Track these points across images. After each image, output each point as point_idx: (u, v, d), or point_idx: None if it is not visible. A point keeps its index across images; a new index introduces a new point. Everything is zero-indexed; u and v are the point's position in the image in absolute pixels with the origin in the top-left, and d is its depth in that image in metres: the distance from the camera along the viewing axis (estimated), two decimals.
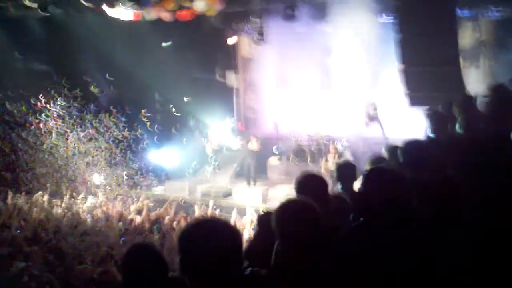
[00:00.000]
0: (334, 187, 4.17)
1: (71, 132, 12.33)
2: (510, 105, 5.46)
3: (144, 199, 10.23)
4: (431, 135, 5.20)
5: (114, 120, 12.31)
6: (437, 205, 2.66)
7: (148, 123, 12.91)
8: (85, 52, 14.89)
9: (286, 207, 2.42)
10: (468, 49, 13.35)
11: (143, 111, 12.84)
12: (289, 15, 14.19)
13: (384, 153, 4.72)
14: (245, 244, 3.21)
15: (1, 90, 13.65)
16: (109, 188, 11.93)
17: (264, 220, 3.18)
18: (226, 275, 1.88)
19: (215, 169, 12.78)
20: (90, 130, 12.40)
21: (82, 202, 10.65)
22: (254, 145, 13.07)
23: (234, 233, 1.96)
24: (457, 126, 4.72)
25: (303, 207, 2.39)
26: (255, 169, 13.05)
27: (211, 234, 1.90)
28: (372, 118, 14.78)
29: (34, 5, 12.46)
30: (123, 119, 12.43)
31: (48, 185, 11.90)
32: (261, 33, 12.28)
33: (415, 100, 8.51)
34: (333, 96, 16.80)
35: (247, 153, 13.14)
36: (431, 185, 2.84)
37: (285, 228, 2.34)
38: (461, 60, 10.81)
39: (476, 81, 12.71)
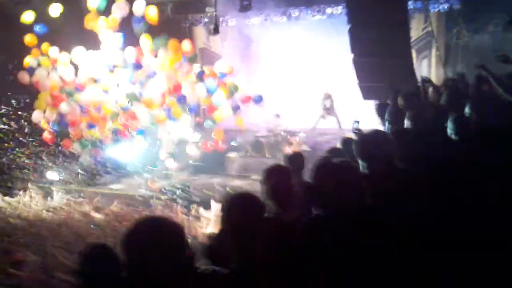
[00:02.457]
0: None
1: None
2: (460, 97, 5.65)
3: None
4: (384, 127, 5.30)
5: None
6: (385, 196, 2.70)
7: None
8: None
9: (231, 200, 2.46)
10: (418, 41, 13.75)
11: None
12: (245, 7, 14.15)
13: (340, 145, 4.79)
14: (208, 241, 3.19)
15: None
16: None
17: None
18: (171, 273, 1.86)
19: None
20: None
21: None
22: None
23: (176, 230, 1.93)
24: (405, 118, 4.83)
25: (246, 200, 2.45)
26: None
27: (152, 233, 1.87)
28: (329, 110, 15.00)
29: None
30: None
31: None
32: (215, 24, 12.15)
33: (367, 92, 8.63)
34: (290, 89, 16.98)
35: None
36: (379, 177, 2.90)
37: (229, 220, 2.41)
38: (413, 52, 11.09)
39: (426, 72, 13.14)
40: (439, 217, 2.60)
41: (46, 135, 11.14)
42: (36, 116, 10.96)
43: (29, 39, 10.68)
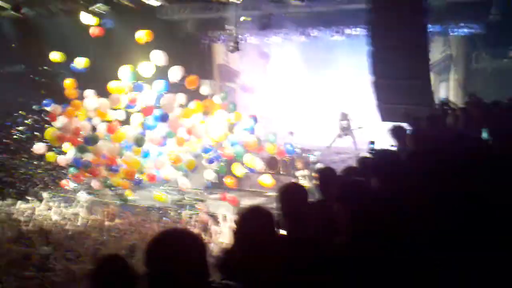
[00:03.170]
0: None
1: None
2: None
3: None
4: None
5: None
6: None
7: None
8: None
9: (244, 214, 2.49)
10: (437, 63, 13.72)
11: None
12: (265, 25, 14.32)
13: (356, 164, 4.77)
14: (221, 255, 3.20)
15: None
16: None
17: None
18: (190, 286, 1.88)
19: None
20: None
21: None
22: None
23: (199, 244, 1.95)
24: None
25: (259, 213, 2.47)
26: None
27: (176, 246, 1.89)
28: (346, 130, 14.97)
29: (7, 6, 12.25)
30: None
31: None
32: (235, 41, 12.31)
33: (385, 113, 8.64)
34: (307, 107, 17.03)
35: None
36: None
37: (241, 233, 2.43)
38: (432, 74, 11.08)
39: (445, 95, 13.09)
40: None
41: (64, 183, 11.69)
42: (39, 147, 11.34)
43: (68, 82, 11.07)
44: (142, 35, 10.65)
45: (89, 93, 10.89)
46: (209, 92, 11.64)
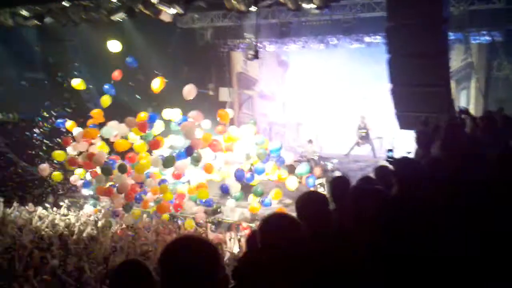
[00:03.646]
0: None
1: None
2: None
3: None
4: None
5: None
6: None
7: None
8: (79, 63, 15.08)
9: (268, 220, 2.48)
10: (457, 71, 13.57)
11: None
12: (284, 33, 14.38)
13: (373, 174, 4.74)
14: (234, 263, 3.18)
15: None
16: None
17: (252, 239, 3.20)
18: None
19: None
20: None
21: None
22: None
23: (213, 251, 1.96)
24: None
25: (284, 220, 2.46)
26: None
27: (189, 252, 1.90)
28: (365, 138, 14.87)
29: (28, 14, 12.53)
30: None
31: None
32: (254, 50, 12.36)
33: (404, 121, 8.55)
34: (326, 115, 16.97)
35: None
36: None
37: (266, 239, 2.41)
38: (452, 82, 10.96)
39: (465, 104, 12.93)
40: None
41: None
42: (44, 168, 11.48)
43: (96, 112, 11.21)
44: (158, 84, 10.74)
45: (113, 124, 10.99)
46: (227, 99, 11.78)
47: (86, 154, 10.76)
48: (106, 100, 11.10)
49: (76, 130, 11.05)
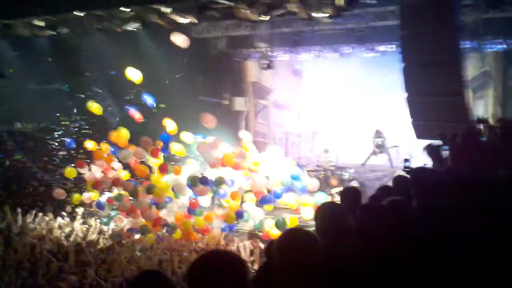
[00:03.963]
0: None
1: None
2: None
3: None
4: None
5: None
6: None
7: None
8: (94, 72, 15.26)
9: (286, 235, 2.50)
10: (474, 80, 13.41)
11: None
12: (296, 42, 14.37)
13: (391, 183, 4.70)
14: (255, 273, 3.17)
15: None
16: None
17: (271, 249, 3.19)
18: None
19: None
20: None
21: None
22: None
23: (241, 265, 1.95)
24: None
25: (301, 236, 2.46)
26: None
27: (218, 267, 1.89)
28: (381, 147, 14.76)
29: (42, 24, 12.73)
30: None
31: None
32: (267, 59, 12.40)
33: (420, 130, 8.48)
34: (341, 124, 16.92)
35: None
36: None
37: (283, 255, 2.41)
38: (469, 91, 10.83)
39: (482, 112, 12.76)
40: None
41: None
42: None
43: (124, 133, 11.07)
44: (172, 128, 10.66)
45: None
46: (244, 108, 11.71)
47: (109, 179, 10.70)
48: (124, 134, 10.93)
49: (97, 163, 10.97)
